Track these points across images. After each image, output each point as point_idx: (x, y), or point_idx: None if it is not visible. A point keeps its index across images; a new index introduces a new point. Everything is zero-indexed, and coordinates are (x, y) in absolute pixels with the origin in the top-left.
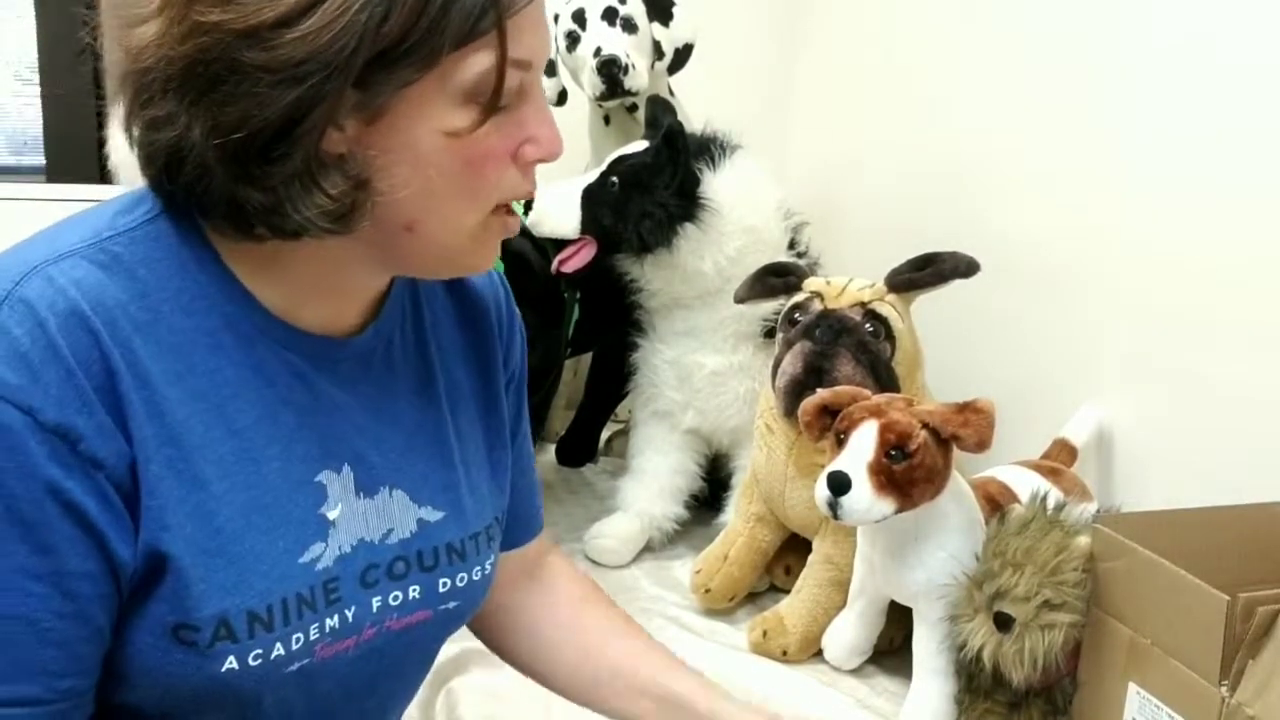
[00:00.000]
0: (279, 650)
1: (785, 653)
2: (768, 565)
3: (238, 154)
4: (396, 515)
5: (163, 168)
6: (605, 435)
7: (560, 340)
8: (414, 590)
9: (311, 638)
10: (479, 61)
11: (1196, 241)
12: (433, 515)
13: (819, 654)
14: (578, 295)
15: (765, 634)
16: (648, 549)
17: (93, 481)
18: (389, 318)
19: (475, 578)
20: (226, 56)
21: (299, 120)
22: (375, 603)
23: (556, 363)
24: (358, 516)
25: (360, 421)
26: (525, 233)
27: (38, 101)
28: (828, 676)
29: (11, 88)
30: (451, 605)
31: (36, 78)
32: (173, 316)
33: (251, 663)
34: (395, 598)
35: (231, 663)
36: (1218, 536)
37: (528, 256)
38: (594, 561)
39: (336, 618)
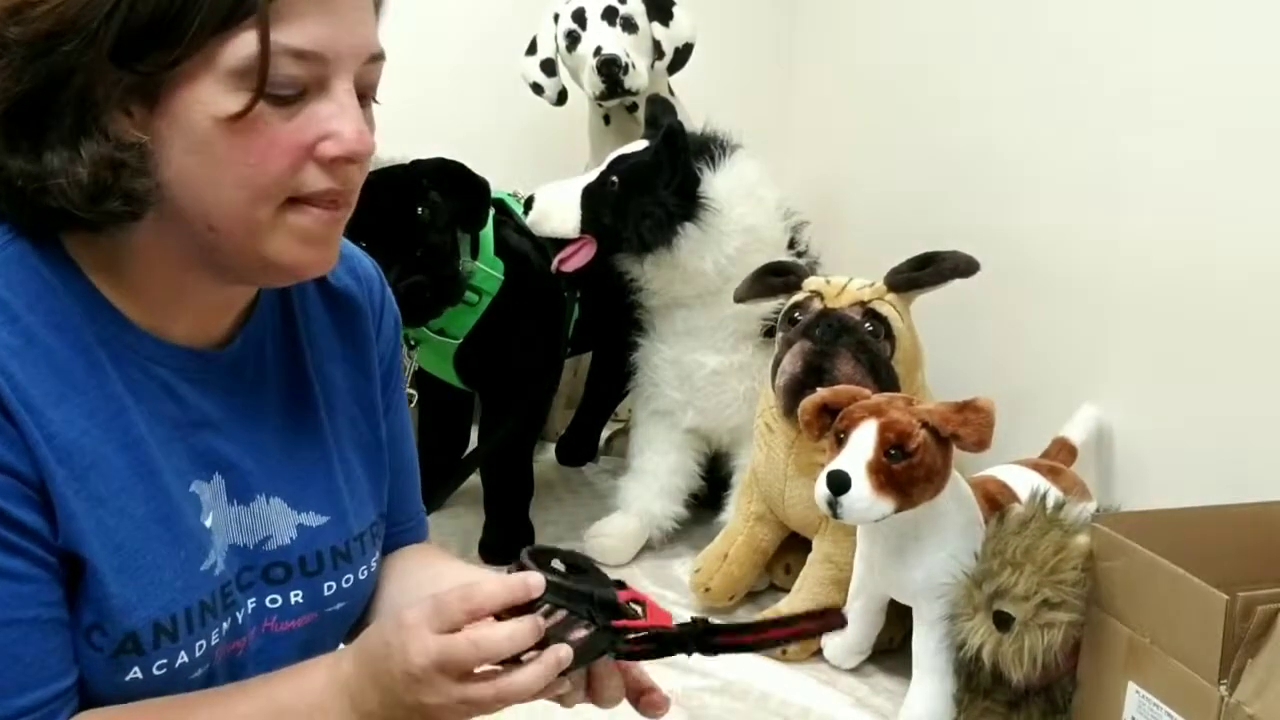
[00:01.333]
0: (183, 658)
1: (785, 652)
2: (767, 564)
3: (5, 123)
4: (274, 522)
5: None
6: (605, 434)
7: (560, 340)
8: (295, 595)
9: (212, 643)
10: (245, 44)
11: (1196, 241)
12: (314, 520)
13: (818, 653)
14: (578, 295)
15: None
16: (648, 548)
17: (14, 485)
18: (258, 324)
19: (361, 577)
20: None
21: (56, 90)
22: (250, 604)
23: (556, 363)
24: (231, 523)
25: (232, 432)
26: (526, 232)
27: None
28: (827, 675)
29: None
30: (339, 606)
31: None
32: (46, 338)
33: (156, 672)
34: (273, 600)
35: (136, 673)
36: (1217, 536)
37: (528, 256)
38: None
39: (228, 621)
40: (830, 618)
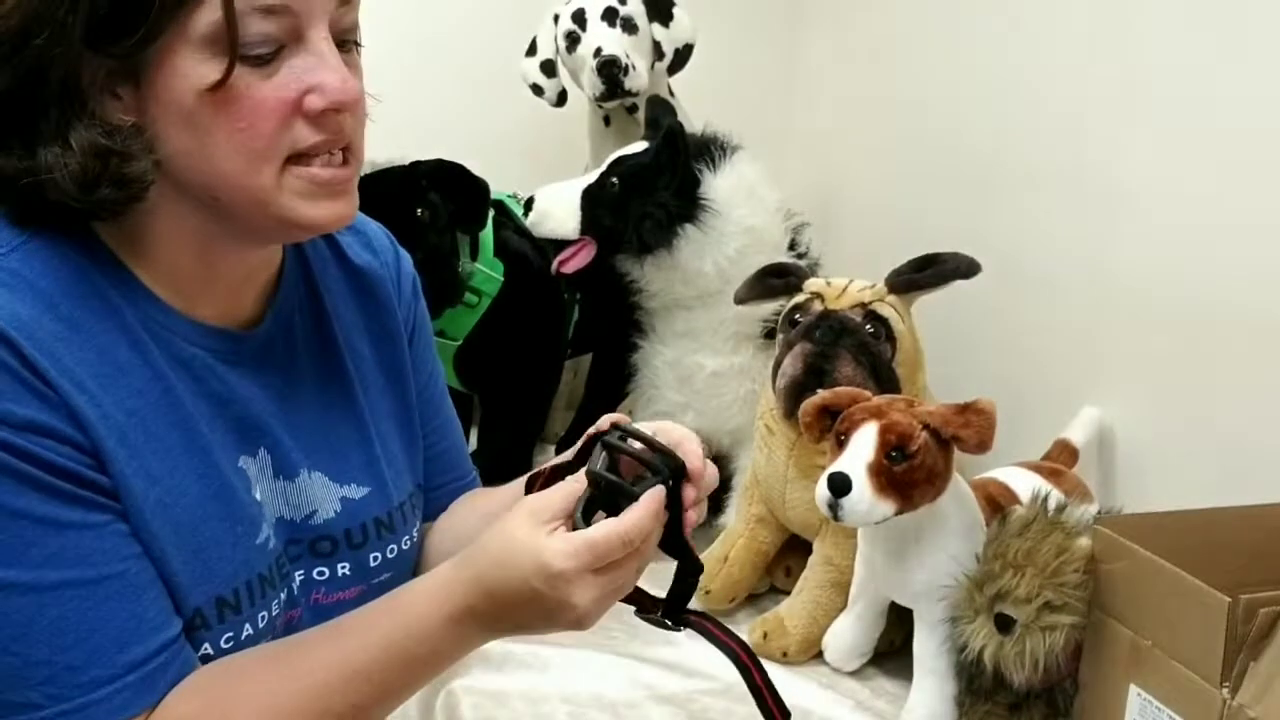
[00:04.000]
0: (248, 630)
1: (785, 654)
2: (768, 567)
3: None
4: (318, 496)
5: None
6: None
7: (560, 340)
8: (343, 568)
9: (273, 613)
10: (211, 9)
11: (1198, 242)
12: (357, 492)
13: (819, 655)
14: (577, 296)
15: (765, 635)
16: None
17: (79, 454)
18: (285, 302)
19: (404, 547)
20: None
21: (37, 86)
22: (299, 576)
23: (556, 363)
24: (277, 497)
25: (271, 410)
26: (525, 233)
27: None
28: (828, 678)
29: None
30: (385, 577)
31: None
32: (88, 322)
33: (224, 645)
34: (320, 573)
35: (206, 649)
36: (1219, 538)
37: (528, 257)
38: None
39: (285, 592)
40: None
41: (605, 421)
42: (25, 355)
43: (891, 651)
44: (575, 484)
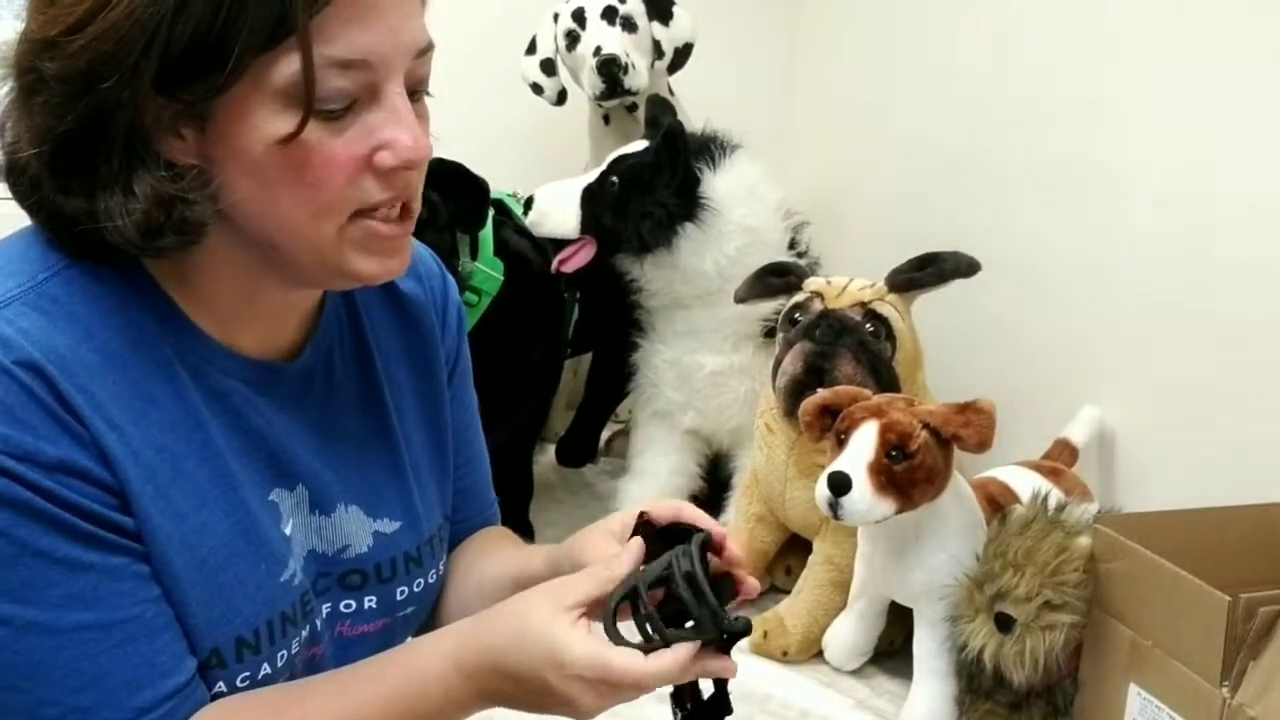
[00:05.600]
0: (266, 670)
1: (786, 653)
2: (768, 566)
3: (54, 163)
4: (352, 531)
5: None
6: (605, 435)
7: (560, 340)
8: (370, 600)
9: (293, 651)
10: (290, 63)
11: (1198, 242)
12: (388, 527)
13: (819, 654)
14: (578, 295)
15: (766, 634)
16: None
17: (103, 494)
18: (325, 333)
19: (430, 581)
20: (35, 66)
21: (102, 128)
22: (325, 609)
23: (556, 363)
24: (311, 532)
25: (308, 443)
26: (525, 233)
27: None
28: (828, 677)
29: None
30: (409, 611)
31: None
32: (123, 353)
33: (239, 685)
34: (347, 606)
35: (220, 686)
36: (1219, 537)
37: (528, 256)
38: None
39: (307, 629)
40: None
41: (694, 516)
42: (59, 389)
43: (892, 650)
44: (606, 572)
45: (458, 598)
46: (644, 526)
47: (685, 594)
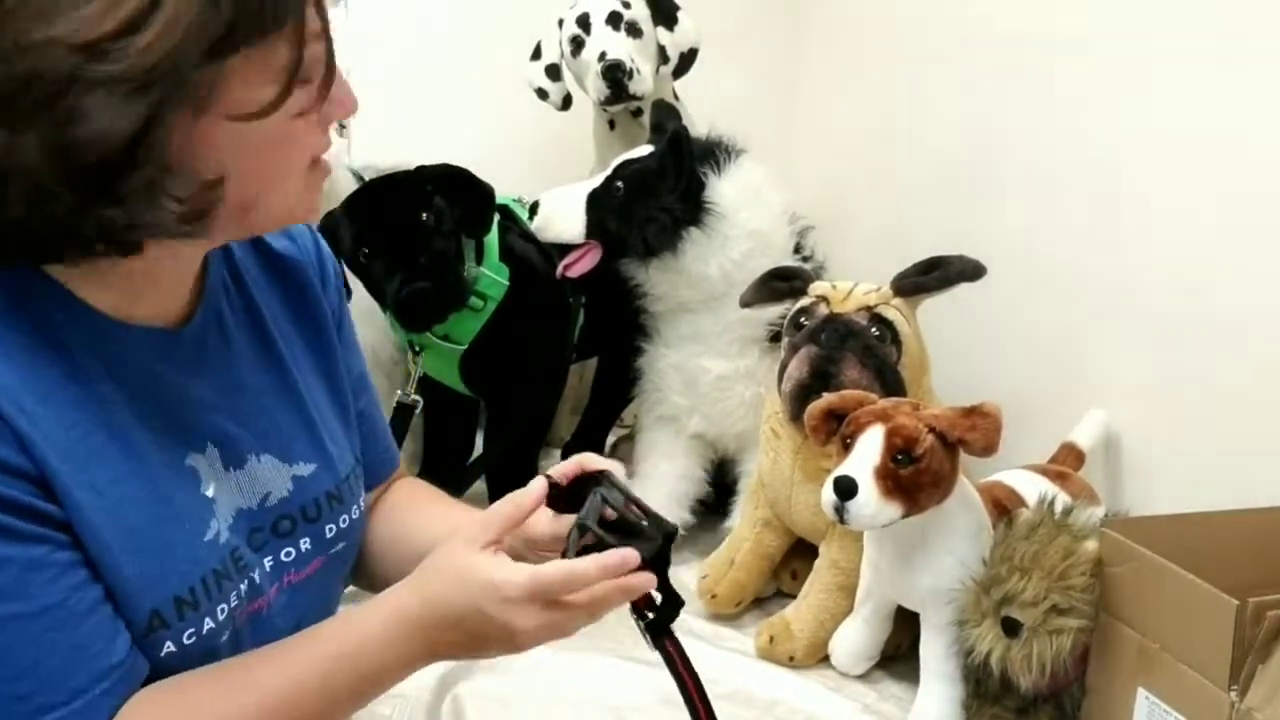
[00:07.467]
0: (209, 624)
1: (792, 658)
2: (774, 570)
3: (88, 172)
4: (270, 479)
5: None
6: (611, 440)
7: (565, 345)
8: (304, 543)
9: (233, 605)
10: (284, 37)
11: (1205, 245)
12: (305, 470)
13: (826, 659)
14: (583, 300)
15: (772, 639)
16: None
17: (21, 481)
18: (213, 294)
19: (354, 516)
20: (64, 72)
21: (150, 128)
22: (268, 563)
23: (562, 368)
24: (232, 489)
25: (213, 402)
26: (530, 238)
27: None
28: (834, 682)
29: None
30: (340, 547)
31: None
32: (19, 341)
33: (186, 643)
34: (288, 554)
35: (169, 647)
36: (1226, 540)
37: (533, 261)
38: None
39: (246, 584)
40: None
41: (594, 462)
42: None
43: (898, 655)
44: (509, 505)
45: (392, 550)
46: (554, 489)
47: (631, 513)
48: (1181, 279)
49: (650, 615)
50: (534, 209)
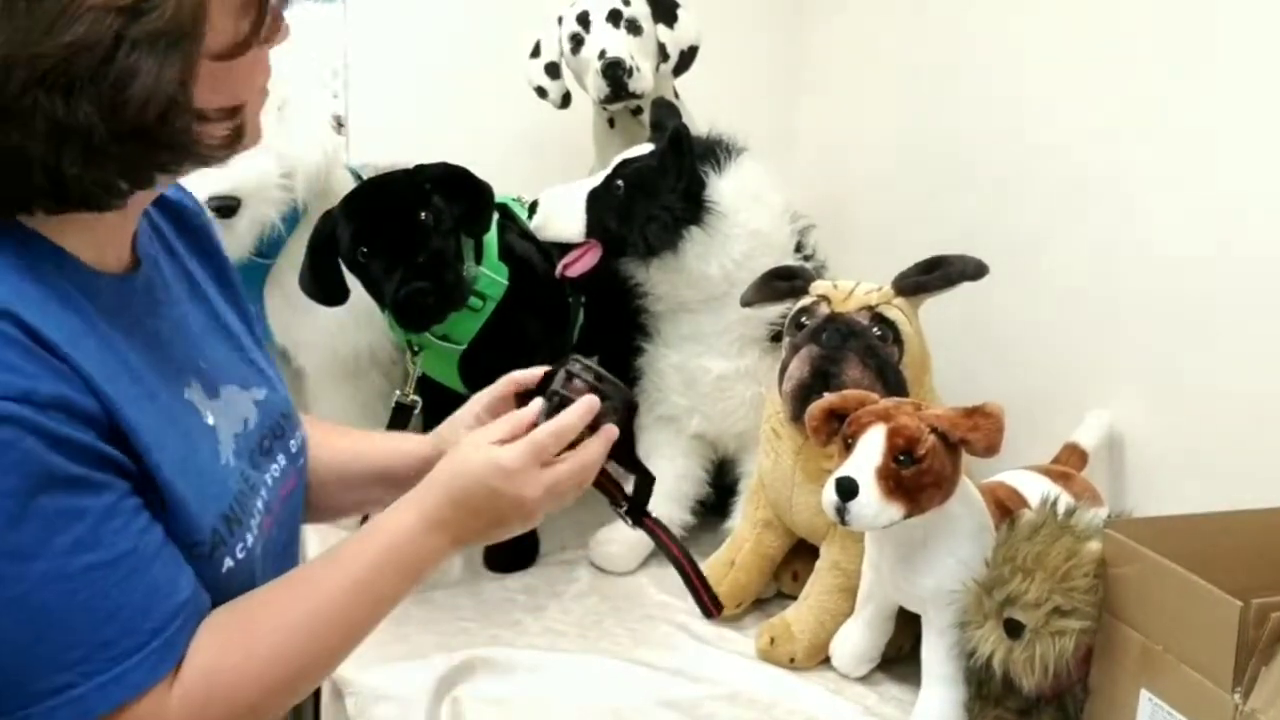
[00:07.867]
0: (251, 538)
1: (793, 659)
2: (775, 571)
3: (140, 126)
4: (241, 405)
5: None
6: None
7: (565, 345)
8: (281, 459)
9: (258, 519)
10: None
11: (1208, 245)
12: (260, 394)
13: (827, 661)
14: (582, 299)
15: (773, 641)
16: (654, 555)
17: (90, 423)
18: (147, 245)
19: (304, 433)
20: (109, 35)
21: (188, 78)
22: (268, 479)
23: None
24: (221, 416)
25: (177, 339)
26: (530, 237)
27: None
28: (835, 684)
29: None
30: (301, 462)
31: None
32: (38, 290)
33: (239, 555)
34: (275, 470)
35: (229, 562)
36: (1230, 541)
37: (532, 261)
38: (600, 568)
39: (259, 501)
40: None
41: (524, 376)
42: (28, 324)
43: (899, 657)
44: (527, 411)
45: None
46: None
47: (597, 384)
48: (1185, 280)
49: (625, 504)
50: (533, 208)
